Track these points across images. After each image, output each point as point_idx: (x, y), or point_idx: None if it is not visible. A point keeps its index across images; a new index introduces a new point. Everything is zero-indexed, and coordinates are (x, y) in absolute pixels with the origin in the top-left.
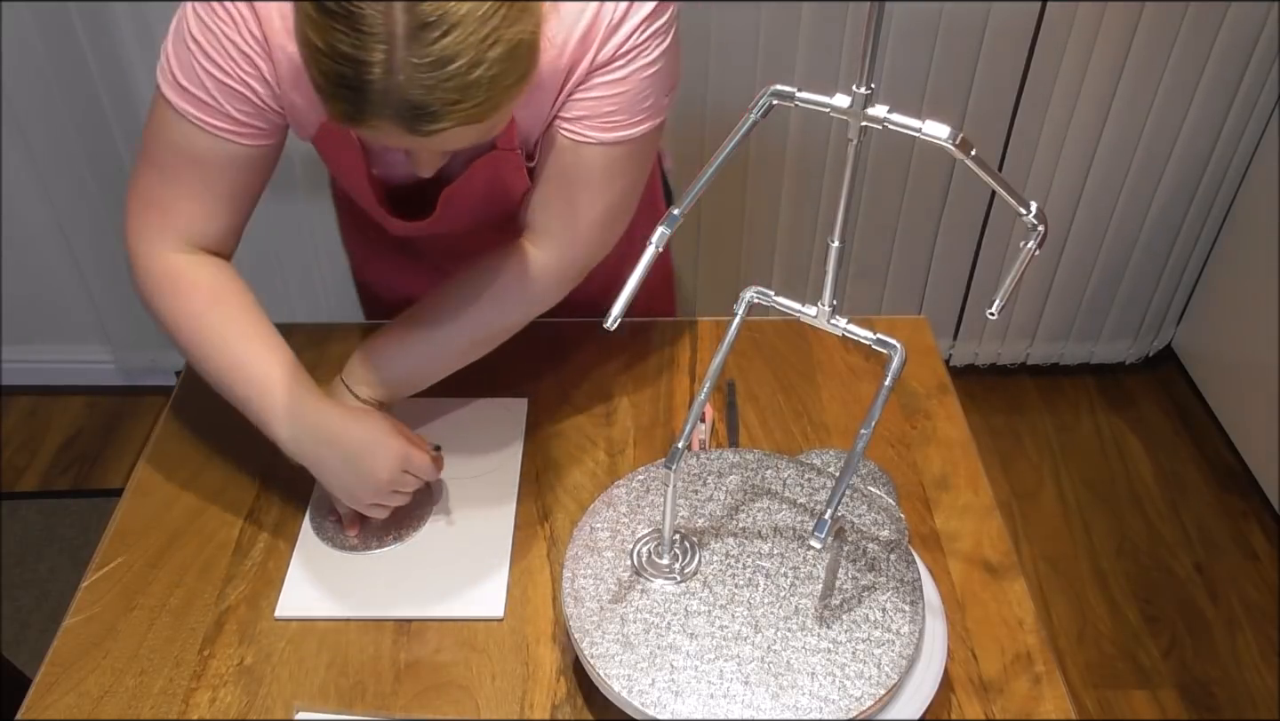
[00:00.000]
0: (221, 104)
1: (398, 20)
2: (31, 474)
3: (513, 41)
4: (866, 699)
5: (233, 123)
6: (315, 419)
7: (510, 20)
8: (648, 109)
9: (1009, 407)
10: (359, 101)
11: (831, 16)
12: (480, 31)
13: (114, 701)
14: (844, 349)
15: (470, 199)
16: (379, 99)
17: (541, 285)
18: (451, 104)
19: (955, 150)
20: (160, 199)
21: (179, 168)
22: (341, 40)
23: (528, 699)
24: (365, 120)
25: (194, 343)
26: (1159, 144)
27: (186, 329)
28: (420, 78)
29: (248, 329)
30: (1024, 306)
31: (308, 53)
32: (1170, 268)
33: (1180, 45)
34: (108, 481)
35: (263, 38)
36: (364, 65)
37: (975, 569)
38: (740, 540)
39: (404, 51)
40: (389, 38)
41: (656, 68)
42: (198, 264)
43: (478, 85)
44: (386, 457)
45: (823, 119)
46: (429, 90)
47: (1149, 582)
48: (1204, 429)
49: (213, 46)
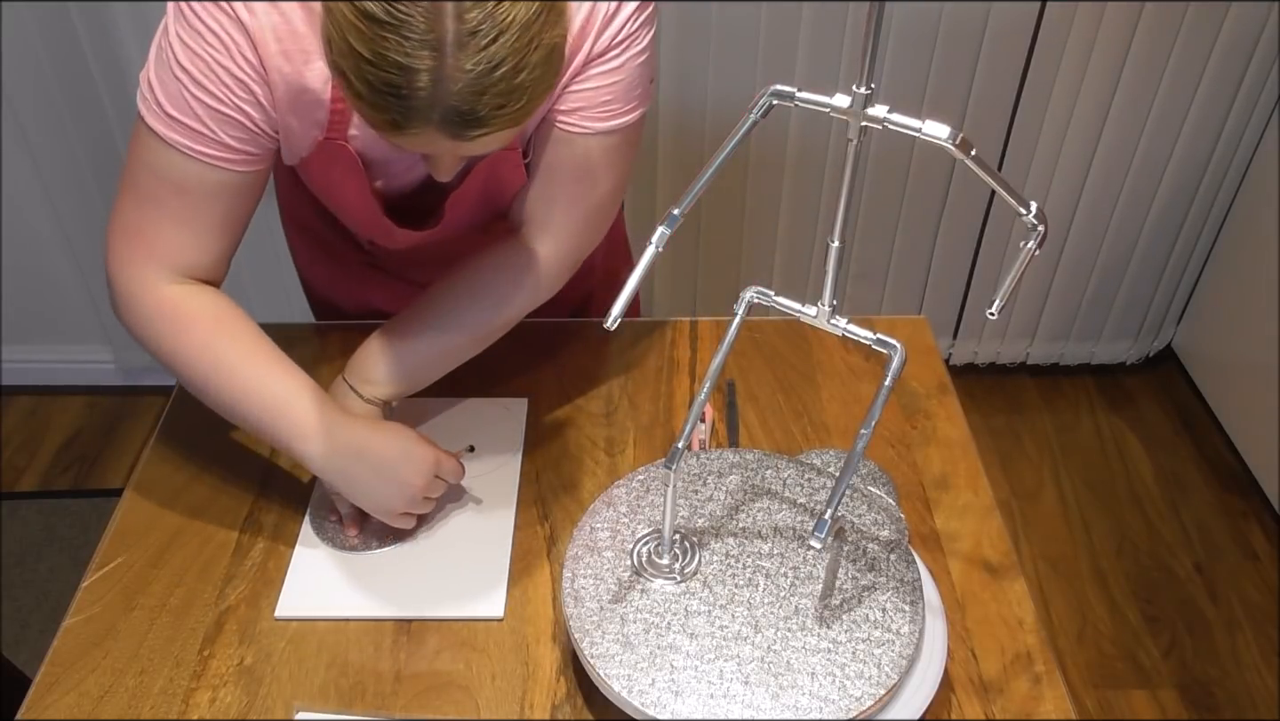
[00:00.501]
0: (215, 132)
1: (447, 27)
2: (31, 474)
3: (550, 45)
4: (866, 699)
5: (226, 150)
6: (344, 435)
7: (549, 24)
8: (638, 95)
9: (1009, 407)
10: (405, 110)
11: (831, 16)
12: (524, 37)
13: (114, 701)
14: (844, 349)
15: (472, 202)
16: (426, 106)
17: (544, 277)
18: (497, 109)
19: (955, 150)
20: (147, 229)
21: (167, 197)
22: (391, 48)
23: (528, 699)
24: (410, 128)
25: (201, 375)
26: (1159, 144)
27: (193, 361)
28: (468, 84)
29: (256, 353)
30: (1024, 306)
31: (350, 62)
32: (1170, 268)
33: (1180, 45)
34: (108, 481)
35: (258, 62)
36: (413, 73)
37: (975, 569)
38: (740, 540)
39: (453, 58)
40: (438, 44)
41: (645, 55)
42: (192, 294)
43: (521, 90)
44: (420, 464)
45: (823, 119)
46: (476, 96)
47: (1149, 582)
48: (1204, 429)
49: (204, 74)
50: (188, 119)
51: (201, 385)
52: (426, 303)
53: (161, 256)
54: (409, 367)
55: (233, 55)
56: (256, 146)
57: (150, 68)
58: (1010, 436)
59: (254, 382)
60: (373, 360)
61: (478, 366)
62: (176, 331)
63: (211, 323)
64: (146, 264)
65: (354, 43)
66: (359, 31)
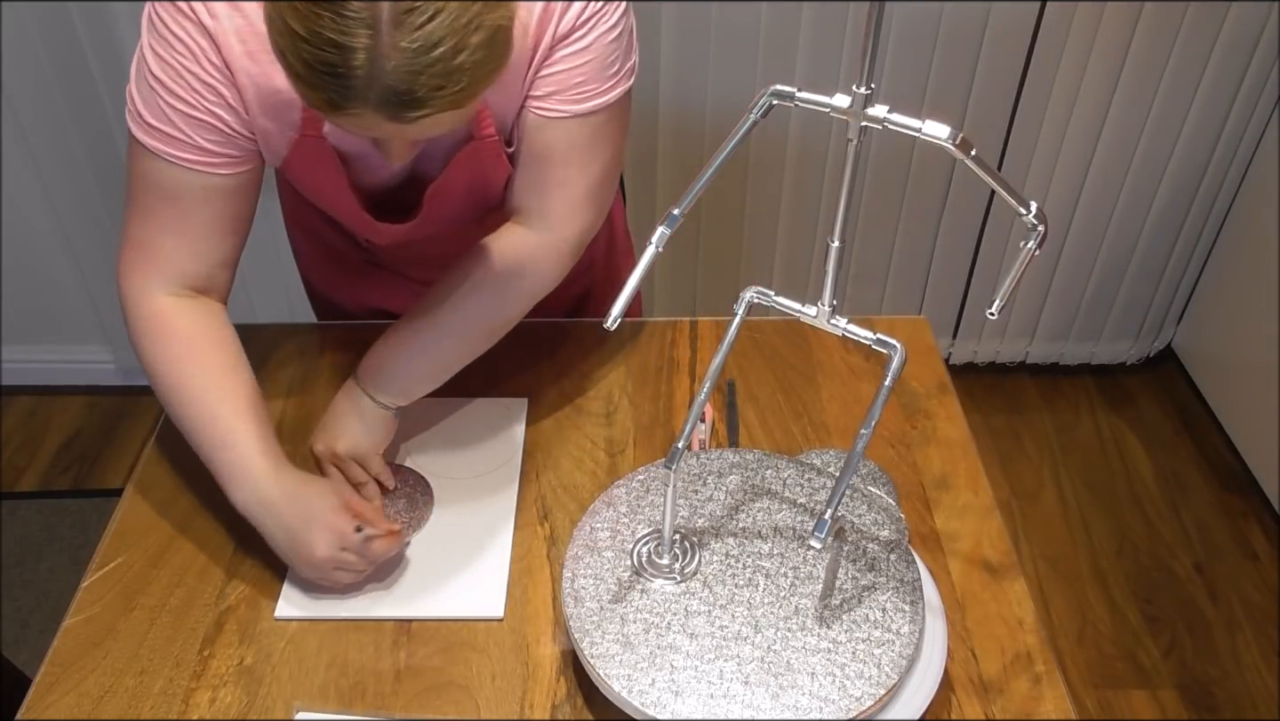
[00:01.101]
0: (191, 137)
1: (383, 5)
2: (31, 474)
3: (492, 27)
4: (866, 698)
5: (205, 154)
6: (265, 488)
7: (490, 7)
8: (615, 74)
9: (1009, 407)
10: (342, 89)
11: (831, 16)
12: (463, 17)
13: (114, 701)
14: (844, 349)
15: (454, 194)
16: (363, 85)
17: (545, 266)
18: (435, 89)
19: (955, 150)
20: (147, 240)
21: (159, 206)
22: (326, 26)
23: (528, 699)
24: (347, 108)
25: (165, 390)
26: (1159, 144)
27: (162, 375)
28: (404, 63)
29: (221, 381)
30: (1024, 306)
31: (287, 41)
32: (1170, 268)
33: (1180, 45)
34: (108, 481)
35: (224, 65)
36: (349, 51)
37: (975, 569)
38: (740, 540)
39: (388, 37)
40: (374, 22)
41: (618, 30)
42: (182, 309)
43: (460, 71)
44: (322, 536)
45: (823, 119)
46: (413, 76)
47: (1149, 582)
48: (1204, 429)
49: (174, 81)
50: (165, 126)
51: (165, 400)
52: (432, 302)
53: (162, 266)
54: (421, 371)
55: (199, 60)
56: (234, 149)
57: (131, 80)
58: (1010, 436)
59: (208, 412)
60: (384, 366)
61: (478, 366)
62: (155, 344)
63: (186, 342)
64: (148, 275)
65: (291, 21)
66: (295, 10)
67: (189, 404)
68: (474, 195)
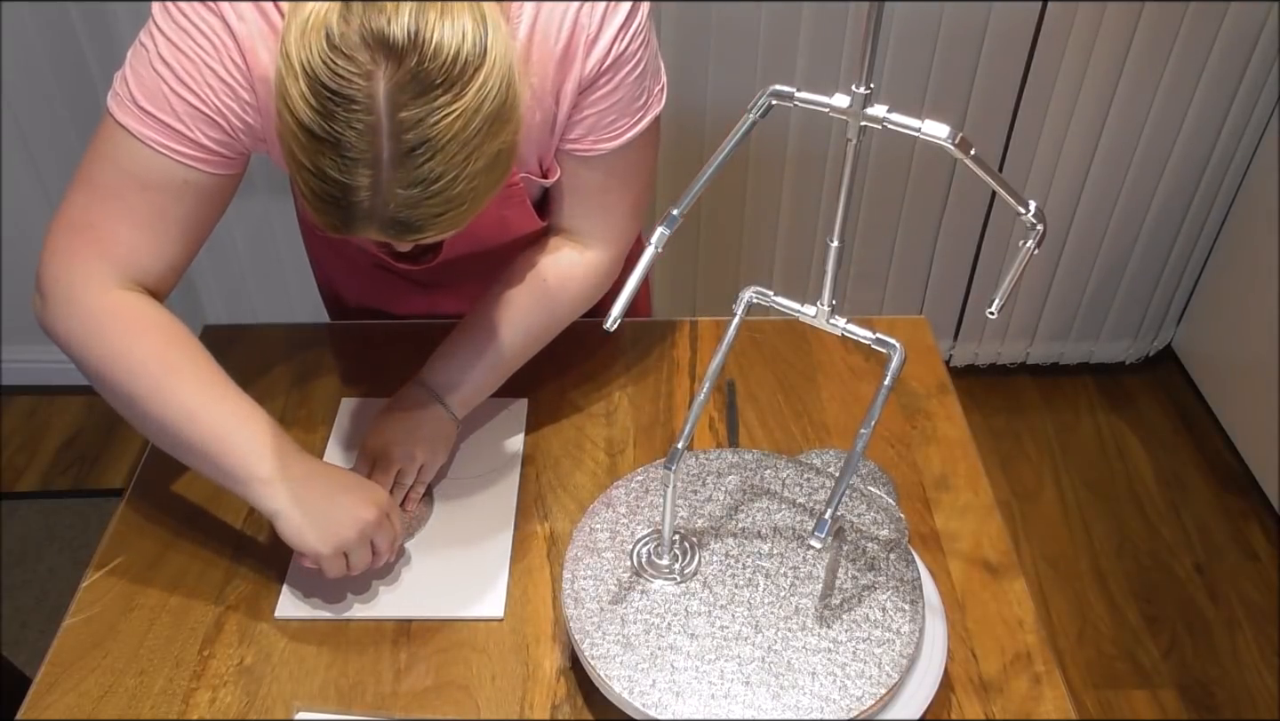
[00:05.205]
0: (192, 130)
1: (382, 146)
2: (31, 474)
3: (494, 152)
4: (867, 698)
5: (201, 149)
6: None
7: (492, 133)
8: (644, 104)
9: (1009, 407)
10: (346, 218)
11: (831, 16)
12: (463, 151)
13: (114, 701)
14: (844, 349)
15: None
16: (365, 216)
17: (595, 281)
18: (435, 216)
19: (955, 150)
20: (100, 226)
21: (129, 194)
22: (328, 165)
23: (528, 699)
24: (352, 232)
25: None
26: (1159, 144)
27: (136, 371)
28: (406, 198)
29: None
30: (1024, 306)
31: (294, 168)
32: (1170, 268)
33: (1180, 45)
34: (108, 481)
35: (245, 67)
36: (350, 189)
37: (975, 569)
38: (740, 540)
39: (389, 175)
40: (374, 163)
41: (642, 67)
42: (143, 303)
43: (460, 199)
44: (375, 494)
45: (823, 119)
46: (414, 208)
47: (1149, 582)
48: (1204, 429)
49: (188, 72)
50: (164, 114)
51: (141, 397)
52: (492, 320)
53: (113, 256)
54: (488, 386)
55: (220, 57)
56: (230, 150)
57: (127, 64)
58: (1010, 436)
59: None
60: (455, 381)
61: None
62: (124, 336)
63: (164, 334)
64: (92, 262)
65: (296, 152)
66: (301, 145)
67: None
68: (497, 233)
